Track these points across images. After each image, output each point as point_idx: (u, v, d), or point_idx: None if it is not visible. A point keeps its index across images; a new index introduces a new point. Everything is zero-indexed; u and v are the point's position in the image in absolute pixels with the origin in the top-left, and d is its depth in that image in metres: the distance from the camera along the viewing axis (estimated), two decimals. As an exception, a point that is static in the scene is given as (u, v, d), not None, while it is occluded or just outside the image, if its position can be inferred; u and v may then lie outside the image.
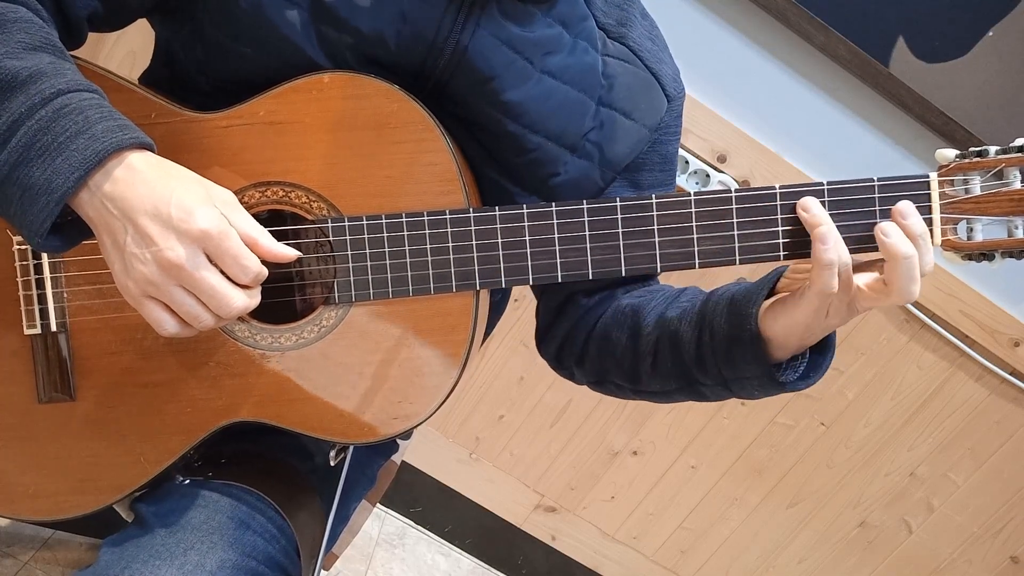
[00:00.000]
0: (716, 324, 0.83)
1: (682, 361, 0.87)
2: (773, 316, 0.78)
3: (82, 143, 0.66)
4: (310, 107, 0.80)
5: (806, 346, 0.80)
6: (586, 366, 0.98)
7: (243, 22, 0.81)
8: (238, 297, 0.70)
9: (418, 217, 0.80)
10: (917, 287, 0.73)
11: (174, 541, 0.78)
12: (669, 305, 0.90)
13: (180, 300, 0.70)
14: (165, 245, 0.67)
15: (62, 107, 0.67)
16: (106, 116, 0.68)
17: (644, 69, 0.92)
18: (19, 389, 0.84)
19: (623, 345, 0.92)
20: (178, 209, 0.67)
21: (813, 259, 0.74)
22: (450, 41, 0.82)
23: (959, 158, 0.76)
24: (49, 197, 0.65)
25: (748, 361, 0.81)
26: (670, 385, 0.90)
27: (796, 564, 2.04)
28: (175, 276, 0.68)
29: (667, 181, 0.98)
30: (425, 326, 0.83)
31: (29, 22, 0.71)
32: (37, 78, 0.67)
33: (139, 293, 0.70)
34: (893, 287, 0.73)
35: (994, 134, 1.53)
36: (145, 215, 0.67)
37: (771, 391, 0.82)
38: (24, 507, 0.86)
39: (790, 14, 1.48)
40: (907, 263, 0.72)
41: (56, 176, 0.65)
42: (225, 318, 0.71)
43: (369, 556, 1.90)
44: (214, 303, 0.70)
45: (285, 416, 0.84)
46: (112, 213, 0.68)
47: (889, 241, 0.73)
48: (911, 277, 0.73)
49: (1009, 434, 1.86)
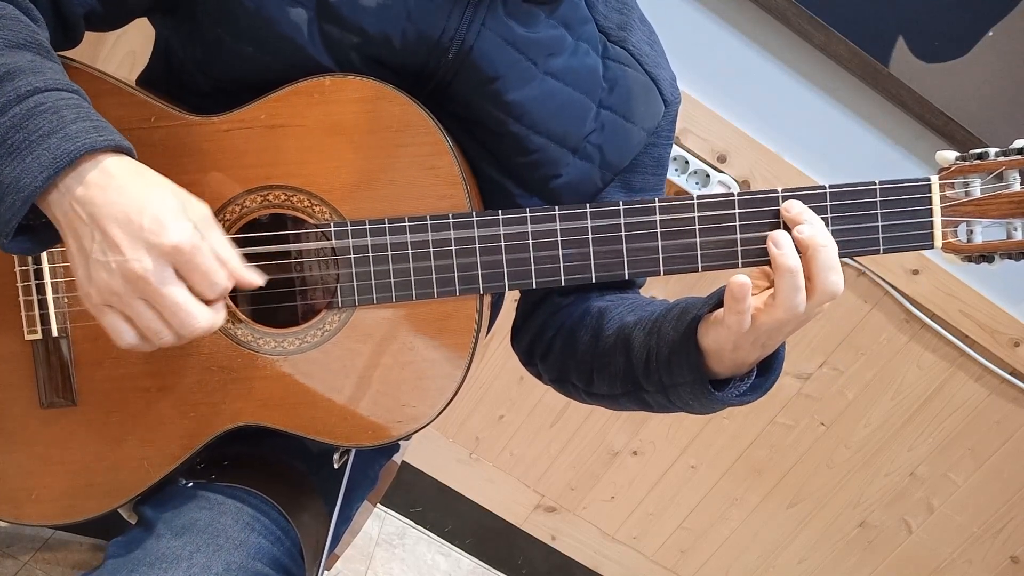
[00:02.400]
0: (664, 330, 0.83)
1: (630, 365, 0.87)
2: (705, 328, 0.78)
3: (54, 143, 0.64)
4: (312, 110, 0.80)
5: (746, 364, 0.78)
6: (549, 362, 0.99)
7: (245, 21, 0.81)
8: (202, 316, 0.68)
9: (421, 221, 0.80)
10: (802, 297, 0.72)
11: (179, 544, 0.78)
12: (634, 311, 0.91)
13: (141, 313, 0.67)
14: (132, 256, 0.65)
15: (37, 105, 0.65)
16: (82, 117, 0.67)
17: (643, 73, 0.93)
18: (20, 394, 0.84)
19: (584, 344, 0.93)
20: (151, 220, 0.65)
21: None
22: (455, 40, 0.82)
23: (960, 160, 0.76)
24: (16, 196, 0.64)
25: (683, 368, 0.80)
26: (616, 389, 0.90)
27: (796, 564, 2.05)
28: (139, 289, 0.66)
29: (658, 185, 0.99)
30: (428, 329, 0.83)
31: (14, 20, 0.70)
32: (14, 75, 0.66)
33: (100, 301, 0.68)
34: (778, 299, 0.72)
35: (994, 134, 1.53)
36: (115, 223, 0.65)
37: (704, 401, 0.81)
38: (28, 512, 0.86)
39: (790, 14, 1.48)
40: (791, 277, 0.72)
41: (24, 175, 0.64)
42: (186, 337, 0.69)
43: (369, 556, 1.90)
44: (176, 320, 0.67)
45: (289, 420, 0.84)
46: (80, 217, 0.65)
47: (778, 252, 0.73)
48: (795, 287, 0.71)
49: (1009, 434, 1.86)
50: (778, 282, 0.72)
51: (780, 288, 0.72)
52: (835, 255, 0.73)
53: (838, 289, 0.73)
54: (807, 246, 0.73)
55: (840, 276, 0.73)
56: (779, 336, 0.75)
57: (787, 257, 0.72)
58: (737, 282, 0.72)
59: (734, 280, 0.72)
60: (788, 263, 0.72)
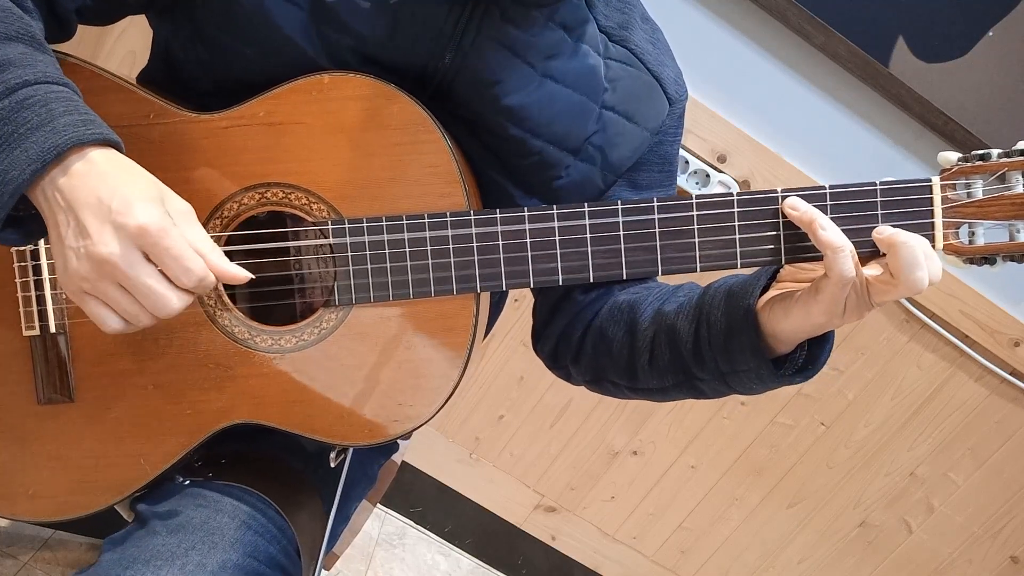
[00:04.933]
0: (713, 317, 0.82)
1: (680, 356, 0.86)
2: (784, 312, 0.77)
3: (42, 136, 0.65)
4: (310, 108, 0.80)
5: (798, 340, 0.79)
6: (582, 364, 0.98)
7: (244, 21, 0.81)
8: (174, 298, 0.67)
9: (419, 219, 0.80)
10: (924, 274, 0.72)
11: (175, 541, 0.78)
12: (666, 300, 0.90)
13: (113, 297, 0.67)
14: (99, 240, 0.64)
15: (26, 98, 0.66)
16: (71, 110, 0.67)
17: (646, 72, 0.92)
18: (18, 390, 0.84)
19: (620, 341, 0.92)
20: (119, 202, 0.65)
21: (823, 248, 0.73)
22: (451, 45, 0.82)
23: (961, 161, 0.76)
24: (3, 189, 0.64)
25: (746, 354, 0.80)
26: (667, 381, 0.90)
27: (796, 564, 2.05)
28: (107, 273, 0.66)
29: (666, 182, 0.98)
30: (426, 328, 0.83)
31: (6, 11, 0.70)
32: (4, 67, 0.66)
33: (76, 289, 0.68)
34: (899, 276, 0.72)
35: (994, 134, 1.53)
36: (87, 208, 0.65)
37: (770, 385, 0.82)
38: (24, 508, 0.86)
39: (790, 14, 1.48)
40: (909, 249, 0.72)
41: (12, 168, 0.64)
42: (164, 318, 0.69)
43: (369, 556, 1.90)
44: (148, 303, 0.67)
45: (286, 418, 0.84)
46: (60, 205, 0.66)
47: (890, 232, 0.74)
48: (914, 263, 0.71)
49: (1009, 434, 1.86)
50: (895, 257, 0.72)
51: (900, 263, 0.72)
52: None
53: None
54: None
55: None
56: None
57: (897, 234, 0.73)
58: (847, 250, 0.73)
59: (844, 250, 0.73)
60: (902, 238, 0.72)
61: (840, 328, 0.79)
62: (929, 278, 0.72)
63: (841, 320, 0.75)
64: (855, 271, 0.73)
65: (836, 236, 0.73)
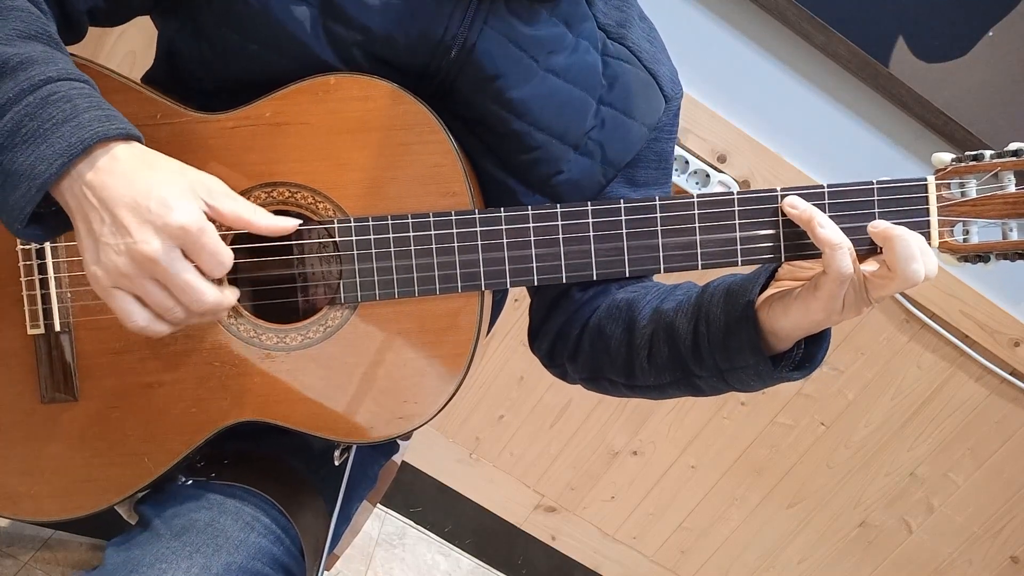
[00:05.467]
0: (712, 314, 0.83)
1: (678, 353, 0.87)
2: (783, 309, 0.78)
3: (67, 131, 0.66)
4: (316, 108, 0.80)
5: (794, 338, 0.80)
6: (579, 362, 0.98)
7: (249, 19, 0.81)
8: (211, 292, 0.70)
9: (424, 218, 0.80)
10: (919, 267, 0.73)
11: (179, 544, 0.78)
12: (664, 298, 0.91)
13: (151, 292, 0.69)
14: (141, 238, 0.66)
15: (50, 95, 0.67)
16: (94, 105, 0.68)
17: (643, 70, 0.93)
18: (22, 389, 0.84)
19: (618, 338, 0.92)
20: (157, 203, 0.67)
21: (821, 245, 0.75)
22: (458, 38, 0.83)
23: (955, 162, 0.78)
24: (31, 183, 0.65)
25: (745, 351, 0.81)
26: (665, 378, 0.90)
27: (796, 564, 2.05)
28: (148, 270, 0.68)
29: (662, 179, 0.99)
30: (430, 326, 0.83)
31: (26, 11, 0.71)
32: (28, 65, 0.67)
33: (109, 283, 0.69)
34: (895, 269, 0.74)
35: (994, 134, 1.54)
36: (124, 206, 0.67)
37: (768, 382, 0.83)
38: (26, 507, 0.86)
39: (790, 14, 1.48)
40: (904, 242, 0.73)
41: (39, 163, 0.65)
42: (196, 312, 0.71)
43: (369, 556, 1.90)
44: (186, 298, 0.70)
45: (290, 416, 0.84)
46: (90, 201, 0.67)
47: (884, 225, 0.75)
48: (910, 256, 0.73)
49: (1009, 434, 1.87)
50: (891, 250, 0.74)
51: (897, 256, 0.73)
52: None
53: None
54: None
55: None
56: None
57: (892, 228, 0.74)
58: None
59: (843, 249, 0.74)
60: (897, 231, 0.74)
61: (840, 328, 0.79)
62: (925, 272, 0.73)
63: (840, 316, 0.77)
64: (853, 267, 0.74)
65: (834, 233, 0.74)
